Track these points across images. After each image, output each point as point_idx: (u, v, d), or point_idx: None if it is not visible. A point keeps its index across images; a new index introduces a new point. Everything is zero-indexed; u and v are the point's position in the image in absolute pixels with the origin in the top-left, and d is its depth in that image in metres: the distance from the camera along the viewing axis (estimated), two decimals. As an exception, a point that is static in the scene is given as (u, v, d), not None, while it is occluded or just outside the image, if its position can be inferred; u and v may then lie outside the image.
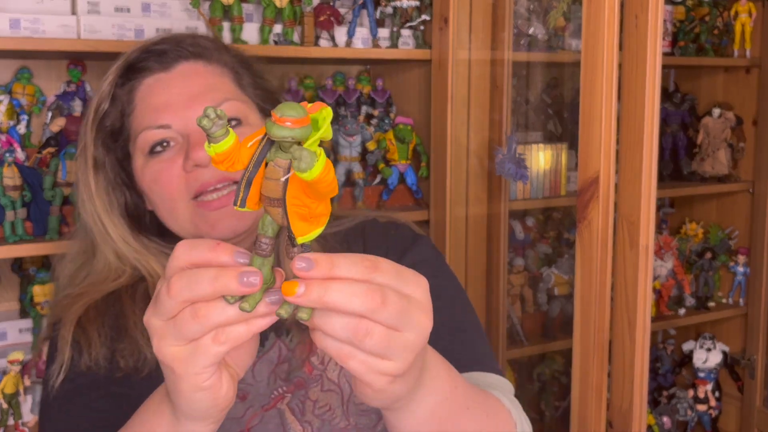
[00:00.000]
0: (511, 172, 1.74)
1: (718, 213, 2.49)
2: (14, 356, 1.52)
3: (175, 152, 0.93)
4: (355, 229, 1.03)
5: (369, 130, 1.86)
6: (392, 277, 0.56)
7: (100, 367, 0.90)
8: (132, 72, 0.97)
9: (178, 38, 0.99)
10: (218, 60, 0.99)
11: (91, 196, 0.97)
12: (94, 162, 0.97)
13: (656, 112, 1.35)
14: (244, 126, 0.95)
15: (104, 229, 0.96)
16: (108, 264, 0.97)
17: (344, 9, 1.79)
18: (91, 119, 0.97)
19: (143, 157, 0.95)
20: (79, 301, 0.95)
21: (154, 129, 0.93)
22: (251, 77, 1.02)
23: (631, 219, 1.37)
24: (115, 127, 0.98)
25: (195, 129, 0.91)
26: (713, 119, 2.29)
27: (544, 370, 2.18)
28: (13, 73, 1.67)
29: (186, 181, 0.92)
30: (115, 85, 0.97)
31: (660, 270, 2.25)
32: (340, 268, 0.53)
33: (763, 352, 2.30)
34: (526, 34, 1.98)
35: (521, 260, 2.10)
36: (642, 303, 1.37)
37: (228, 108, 0.94)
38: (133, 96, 0.96)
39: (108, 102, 0.97)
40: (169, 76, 0.96)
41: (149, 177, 0.94)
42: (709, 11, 2.32)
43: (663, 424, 2.22)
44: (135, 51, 0.97)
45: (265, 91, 1.04)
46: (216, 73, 0.98)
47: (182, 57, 0.97)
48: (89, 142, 0.97)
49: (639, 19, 1.34)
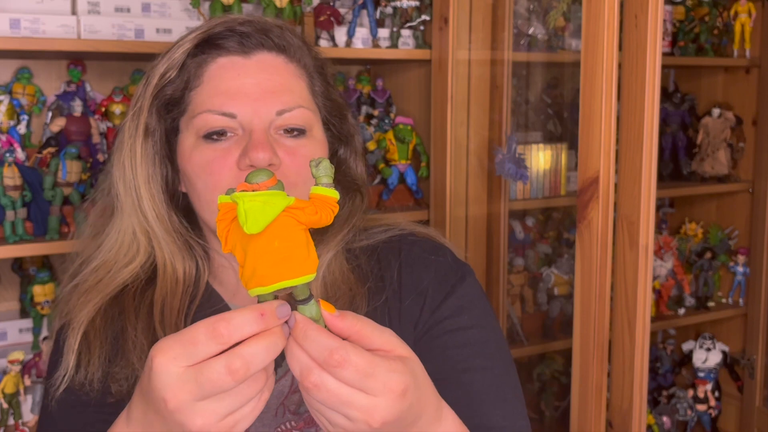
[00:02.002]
0: (511, 172, 1.74)
1: (718, 213, 2.49)
2: (14, 356, 1.52)
3: (232, 143, 0.86)
4: (390, 244, 0.95)
5: (369, 130, 1.86)
6: (357, 378, 0.57)
7: (93, 389, 0.87)
8: (208, 46, 0.89)
9: (265, 25, 0.91)
10: (299, 59, 0.92)
11: (134, 164, 0.90)
12: (146, 128, 0.90)
13: (656, 112, 1.36)
14: (307, 137, 0.88)
15: (138, 201, 0.90)
16: (120, 242, 0.91)
17: (344, 9, 1.79)
18: (154, 84, 0.89)
19: (196, 138, 0.88)
20: (89, 299, 0.90)
21: (218, 115, 0.86)
22: (323, 85, 0.95)
23: (630, 219, 1.38)
24: (174, 98, 0.90)
25: (260, 126, 0.85)
26: (713, 119, 2.29)
27: (544, 370, 2.18)
28: (14, 73, 1.68)
29: (237, 178, 0.85)
30: (188, 54, 0.89)
31: (660, 270, 2.26)
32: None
33: (763, 352, 2.31)
34: (525, 34, 1.98)
35: (521, 260, 2.10)
36: (642, 303, 1.38)
37: (298, 115, 0.88)
38: (203, 71, 0.89)
39: (176, 71, 0.89)
40: (246, 62, 0.88)
41: (198, 161, 0.87)
42: (709, 11, 2.32)
43: (663, 423, 2.22)
44: (218, 25, 0.89)
45: (334, 103, 0.96)
46: (294, 73, 0.91)
47: (265, 46, 0.89)
48: (145, 106, 0.90)
49: (639, 19, 1.34)
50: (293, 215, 0.56)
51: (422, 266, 0.93)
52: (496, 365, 0.89)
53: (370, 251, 0.94)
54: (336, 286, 0.89)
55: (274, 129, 0.86)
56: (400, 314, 0.90)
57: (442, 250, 0.96)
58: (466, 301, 0.92)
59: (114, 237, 0.92)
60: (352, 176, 0.98)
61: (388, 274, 0.92)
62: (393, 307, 0.90)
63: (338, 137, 0.97)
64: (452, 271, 0.94)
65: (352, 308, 0.88)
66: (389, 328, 0.88)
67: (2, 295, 1.75)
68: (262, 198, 0.55)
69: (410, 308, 0.90)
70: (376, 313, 0.89)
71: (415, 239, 0.96)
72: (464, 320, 0.90)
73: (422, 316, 0.90)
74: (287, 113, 0.86)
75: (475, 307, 0.92)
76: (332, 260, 0.90)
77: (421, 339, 0.89)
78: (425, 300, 0.90)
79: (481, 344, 0.89)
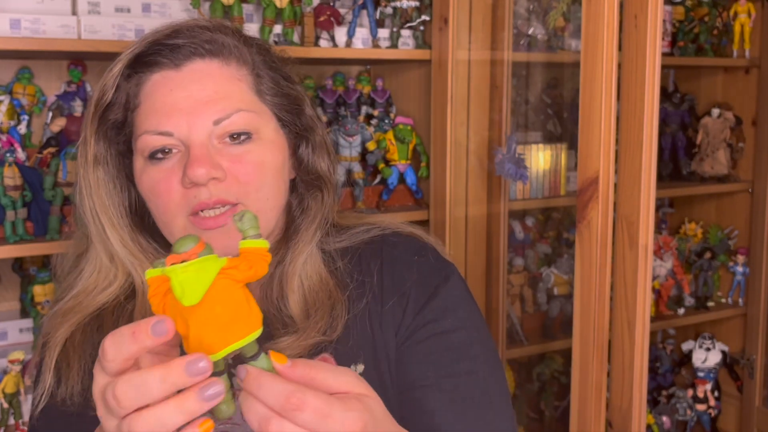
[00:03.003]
0: (511, 172, 1.74)
1: (718, 213, 2.49)
2: (15, 356, 1.52)
3: (175, 162, 0.84)
4: (371, 245, 0.93)
5: (369, 130, 1.86)
6: (316, 420, 0.55)
7: (74, 404, 0.86)
8: (140, 65, 0.87)
9: (194, 30, 0.88)
10: (238, 59, 0.88)
11: (90, 193, 0.89)
12: (95, 157, 0.89)
13: (656, 112, 1.36)
14: (254, 141, 0.86)
15: (102, 228, 0.89)
16: (99, 268, 0.91)
17: (344, 9, 1.80)
18: (92, 112, 0.88)
19: (143, 160, 0.86)
20: (67, 320, 0.90)
21: (155, 135, 0.84)
22: (272, 81, 0.91)
23: (630, 219, 1.38)
24: (118, 121, 0.89)
25: (197, 140, 0.83)
26: (712, 119, 2.29)
27: (543, 369, 2.18)
28: (14, 73, 1.68)
29: (184, 196, 0.84)
30: (120, 76, 0.87)
31: (659, 270, 2.26)
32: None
33: (763, 352, 2.31)
34: (525, 34, 1.98)
35: (521, 260, 2.10)
36: (641, 303, 1.38)
37: (238, 120, 0.84)
38: (139, 90, 0.87)
39: (111, 94, 0.87)
40: (177, 75, 0.85)
41: (147, 184, 0.86)
42: (709, 11, 2.32)
43: (662, 423, 2.23)
44: (146, 42, 0.87)
45: (286, 98, 0.91)
46: (231, 77, 0.87)
47: (196, 54, 0.86)
48: (89, 135, 0.89)
49: (638, 20, 1.35)
50: (229, 275, 0.56)
51: (404, 267, 0.91)
52: (481, 368, 0.88)
53: (350, 253, 0.92)
54: (314, 294, 0.88)
55: (217, 138, 0.84)
56: (382, 318, 0.89)
57: (425, 249, 0.94)
58: (449, 303, 0.90)
59: (92, 264, 0.92)
60: (314, 172, 0.94)
61: (368, 276, 0.90)
62: (374, 311, 0.89)
63: (297, 133, 0.93)
64: (435, 271, 0.92)
65: (332, 317, 0.87)
66: (370, 333, 0.88)
67: (2, 294, 1.75)
68: (194, 267, 0.54)
69: (392, 311, 0.89)
70: (356, 318, 0.88)
71: (397, 240, 0.94)
72: (448, 323, 0.89)
73: (405, 319, 0.89)
74: (225, 121, 0.84)
75: (459, 308, 0.91)
76: (307, 263, 0.89)
77: (404, 343, 0.88)
78: (408, 302, 0.89)
79: (466, 347, 0.88)
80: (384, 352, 0.88)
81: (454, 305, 0.90)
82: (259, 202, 0.85)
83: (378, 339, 0.88)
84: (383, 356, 0.88)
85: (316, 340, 0.85)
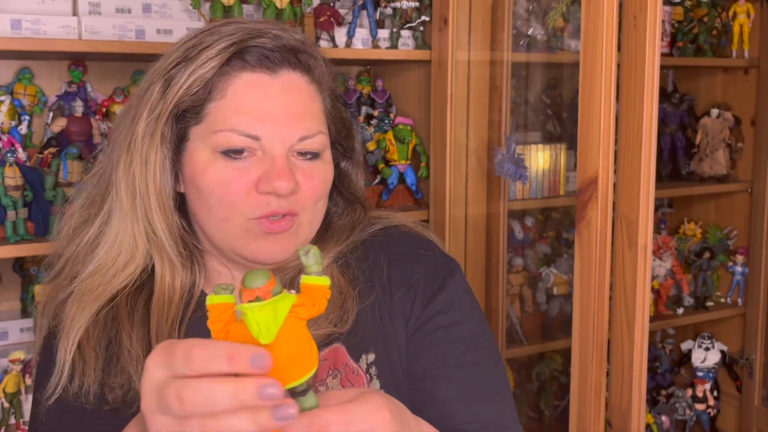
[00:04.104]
0: (511, 172, 1.75)
1: (717, 213, 2.50)
2: (15, 355, 1.52)
3: (252, 163, 0.84)
4: (377, 237, 0.96)
5: (369, 131, 1.87)
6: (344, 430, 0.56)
7: (88, 400, 0.85)
8: (233, 58, 0.86)
9: (294, 42, 0.88)
10: (318, 79, 0.90)
11: (145, 173, 0.87)
12: (161, 136, 0.87)
13: (655, 113, 1.36)
14: (321, 160, 0.88)
15: (146, 209, 0.87)
16: (120, 244, 0.89)
17: (344, 10, 1.80)
18: (179, 93, 0.86)
19: (212, 152, 0.85)
20: (84, 307, 0.88)
21: (242, 135, 0.84)
22: (333, 104, 0.93)
23: (629, 219, 1.38)
24: (191, 107, 0.87)
25: (281, 152, 0.84)
26: (712, 119, 2.30)
27: (543, 369, 2.18)
28: (15, 73, 1.68)
29: (256, 200, 0.84)
30: (214, 71, 0.85)
31: (659, 270, 2.26)
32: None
33: (762, 352, 2.31)
34: (525, 34, 1.99)
35: (520, 260, 2.11)
36: (641, 302, 1.38)
37: (317, 141, 0.87)
38: (226, 85, 0.85)
39: (201, 85, 0.85)
40: (272, 82, 0.86)
41: (214, 178, 0.85)
42: (708, 12, 2.32)
43: (662, 423, 2.23)
44: (243, 41, 0.85)
45: (341, 123, 0.95)
46: (314, 96, 0.89)
47: (291, 64, 0.87)
48: (164, 114, 0.86)
49: (638, 20, 1.35)
50: (296, 314, 0.57)
51: (411, 260, 0.94)
52: (487, 359, 0.91)
53: (358, 246, 0.94)
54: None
55: (292, 152, 0.86)
56: (391, 309, 0.91)
57: (430, 244, 0.97)
58: (456, 297, 0.93)
59: (113, 239, 0.90)
60: (354, 190, 0.98)
61: (376, 269, 0.92)
62: (383, 303, 0.91)
63: (343, 153, 0.97)
64: (441, 265, 0.95)
65: (343, 310, 0.88)
66: (380, 324, 0.90)
67: (3, 294, 1.75)
68: (270, 306, 0.55)
69: (400, 302, 0.91)
70: (366, 310, 0.90)
71: (403, 233, 0.97)
72: (455, 315, 0.91)
73: (414, 310, 0.91)
74: (308, 140, 0.86)
75: (463, 302, 0.93)
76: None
77: (414, 334, 0.91)
78: (416, 294, 0.91)
79: (472, 339, 0.90)
80: (395, 342, 0.90)
81: (459, 299, 0.93)
82: (314, 214, 0.89)
83: (388, 329, 0.91)
84: (394, 346, 0.90)
85: (327, 330, 0.87)
